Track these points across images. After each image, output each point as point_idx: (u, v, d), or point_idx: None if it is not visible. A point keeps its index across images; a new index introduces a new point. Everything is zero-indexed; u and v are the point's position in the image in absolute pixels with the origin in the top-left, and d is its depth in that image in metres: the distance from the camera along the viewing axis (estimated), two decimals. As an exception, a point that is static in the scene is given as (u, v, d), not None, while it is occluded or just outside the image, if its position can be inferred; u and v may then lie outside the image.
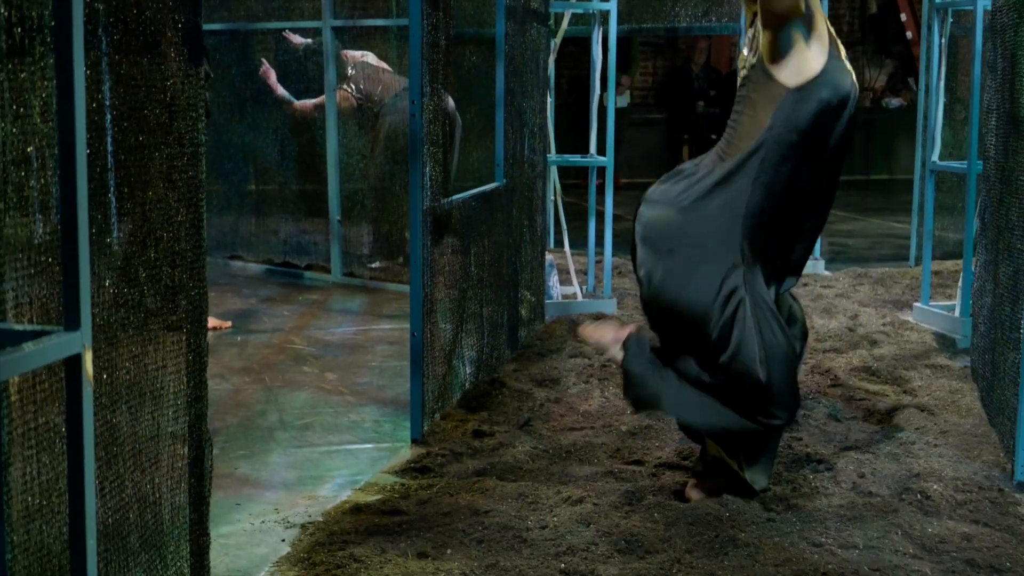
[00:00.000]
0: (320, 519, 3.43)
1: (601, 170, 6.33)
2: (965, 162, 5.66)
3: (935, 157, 5.97)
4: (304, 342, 5.84)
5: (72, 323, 1.97)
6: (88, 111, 2.11)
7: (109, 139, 2.27)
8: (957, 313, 5.64)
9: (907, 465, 3.70)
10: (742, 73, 3.33)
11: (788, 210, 3.26)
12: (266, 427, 4.44)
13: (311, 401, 4.78)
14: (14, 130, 2.03)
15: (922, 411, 4.24)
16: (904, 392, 4.59)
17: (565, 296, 6.35)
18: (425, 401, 4.14)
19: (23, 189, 2.06)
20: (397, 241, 7.31)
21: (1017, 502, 3.46)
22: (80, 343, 1.96)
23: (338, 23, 7.33)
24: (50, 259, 2.15)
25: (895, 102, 14.90)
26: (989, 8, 5.04)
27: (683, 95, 13.77)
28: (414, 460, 3.92)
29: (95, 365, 2.15)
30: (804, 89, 3.18)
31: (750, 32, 3.33)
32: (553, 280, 6.29)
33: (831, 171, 3.31)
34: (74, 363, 1.96)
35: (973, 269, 5.19)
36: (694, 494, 3.42)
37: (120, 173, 2.33)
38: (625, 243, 4.20)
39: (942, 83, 5.94)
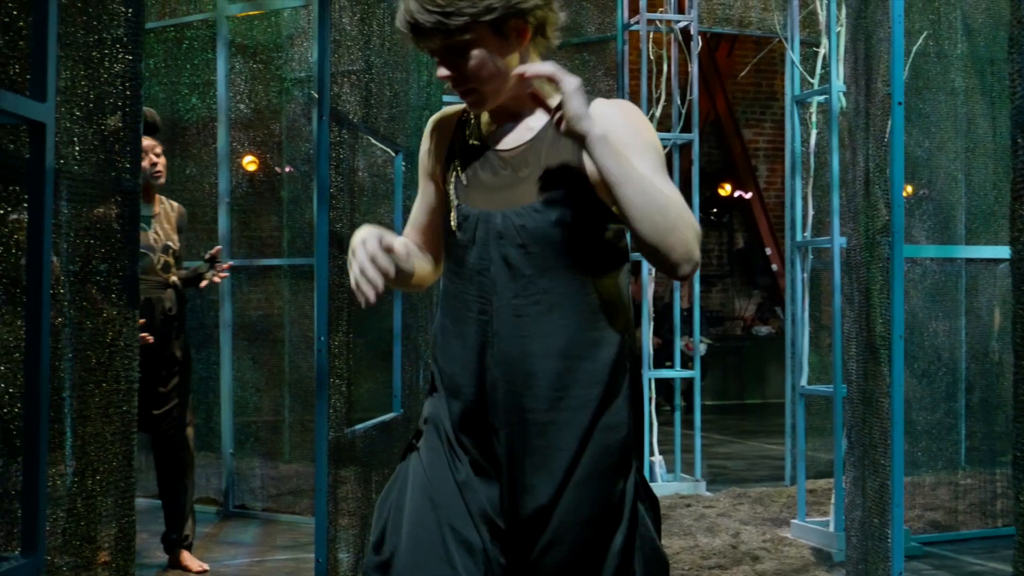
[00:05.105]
0: None
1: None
2: (831, 386, 6.07)
3: (803, 382, 6.38)
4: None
5: (29, 549, 2.12)
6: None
7: (61, 378, 2.46)
8: (831, 528, 5.95)
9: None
10: None
11: None
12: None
13: (212, 633, 4.81)
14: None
15: (805, 622, 4.48)
16: (787, 605, 4.83)
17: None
18: (330, 627, 4.23)
19: (-19, 425, 2.23)
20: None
21: None
22: (35, 569, 2.11)
23: (235, 262, 7.59)
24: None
25: (764, 330, 15.62)
26: (845, 246, 5.53)
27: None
28: None
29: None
30: None
31: None
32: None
33: None
34: (31, 588, 2.10)
35: (844, 486, 5.52)
36: None
37: (62, 410, 2.51)
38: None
39: (806, 314, 6.41)
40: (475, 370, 2.21)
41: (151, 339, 4.97)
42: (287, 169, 7.91)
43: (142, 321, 4.86)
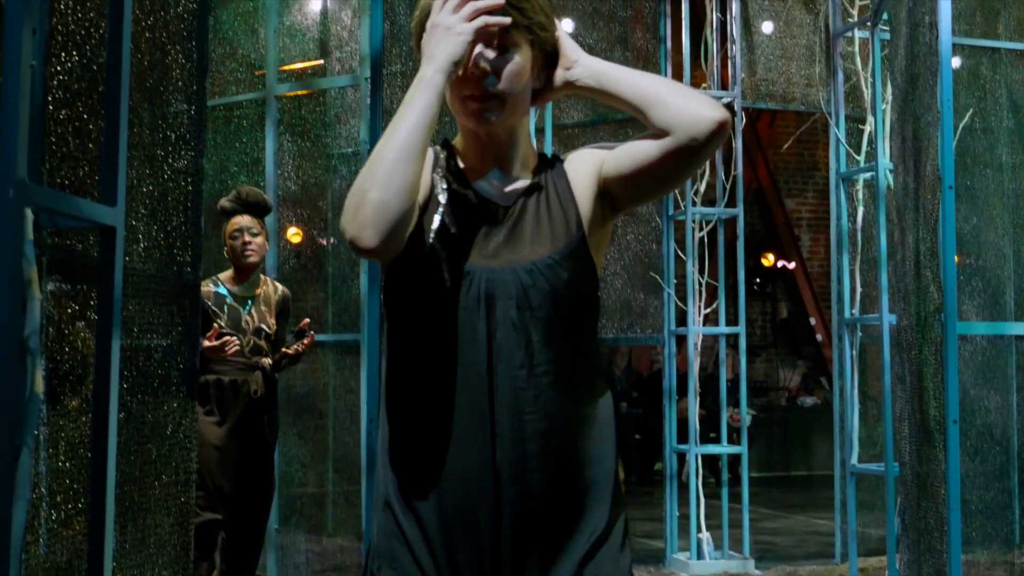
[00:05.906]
0: None
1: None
2: (882, 464, 6.01)
3: (854, 460, 6.32)
4: (247, 654, 5.83)
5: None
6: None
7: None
8: (886, 611, 5.86)
9: None
10: None
11: None
12: None
13: None
14: (43, 468, 2.24)
15: None
16: None
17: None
18: None
19: (47, 522, 2.25)
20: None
21: None
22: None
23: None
24: (63, 586, 2.32)
25: (810, 401, 15.50)
26: (894, 324, 5.50)
27: (606, 396, 14.26)
28: None
29: None
30: None
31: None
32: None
33: None
34: None
35: (897, 566, 5.44)
36: None
37: (123, 503, 2.53)
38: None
39: (855, 391, 6.37)
40: (476, 458, 1.91)
41: (237, 343, 4.92)
42: (331, 241, 7.98)
43: (219, 334, 4.86)
